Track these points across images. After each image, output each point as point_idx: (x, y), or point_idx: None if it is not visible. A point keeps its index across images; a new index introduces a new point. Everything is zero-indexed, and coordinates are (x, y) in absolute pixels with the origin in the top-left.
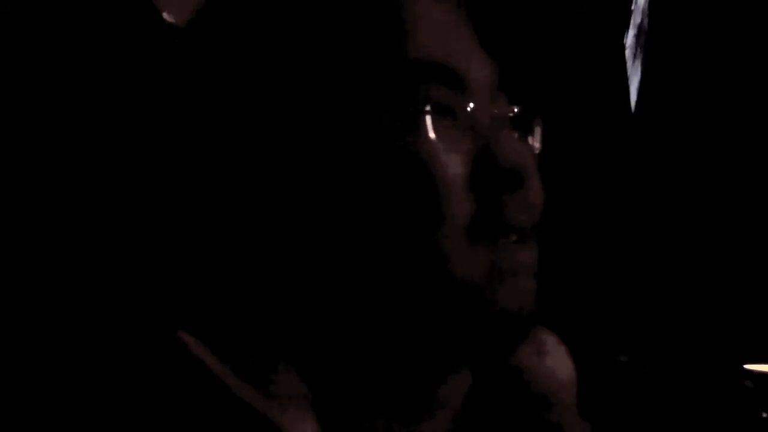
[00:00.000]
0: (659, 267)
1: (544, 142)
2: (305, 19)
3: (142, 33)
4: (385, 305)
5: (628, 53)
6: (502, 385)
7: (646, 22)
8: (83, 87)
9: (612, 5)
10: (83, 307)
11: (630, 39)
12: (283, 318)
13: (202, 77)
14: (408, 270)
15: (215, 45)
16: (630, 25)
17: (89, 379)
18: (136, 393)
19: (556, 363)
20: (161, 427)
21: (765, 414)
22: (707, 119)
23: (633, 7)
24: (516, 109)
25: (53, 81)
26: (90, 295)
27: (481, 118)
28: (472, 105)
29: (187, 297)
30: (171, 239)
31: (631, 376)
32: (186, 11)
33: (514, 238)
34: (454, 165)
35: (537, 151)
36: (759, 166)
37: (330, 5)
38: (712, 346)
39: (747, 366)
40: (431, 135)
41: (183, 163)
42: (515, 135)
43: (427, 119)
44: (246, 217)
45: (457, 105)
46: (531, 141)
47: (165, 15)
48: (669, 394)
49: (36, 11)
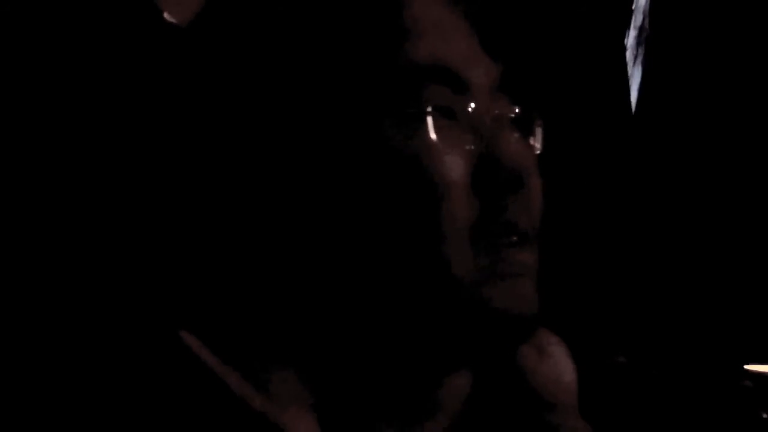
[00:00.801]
0: (659, 267)
1: (544, 142)
2: (306, 21)
3: (143, 33)
4: (386, 306)
5: (628, 54)
6: (503, 386)
7: (646, 22)
8: (84, 87)
9: (612, 6)
10: (85, 308)
11: (631, 40)
12: (284, 319)
13: (203, 78)
14: (409, 271)
15: (217, 45)
16: (631, 26)
17: (91, 379)
18: (137, 393)
19: (557, 364)
20: (162, 427)
21: (765, 414)
22: (708, 120)
23: (634, 8)
24: (517, 110)
25: (54, 81)
26: (92, 296)
27: (482, 119)
28: (472, 106)
29: (189, 298)
30: (173, 240)
31: (631, 376)
32: (187, 11)
33: (514, 239)
34: (454, 166)
35: (537, 152)
36: (759, 167)
37: (330, 7)
38: (711, 346)
39: (747, 366)
40: (432, 136)
41: (184, 164)
42: (516, 136)
43: (428, 120)
44: (248, 217)
45: (458, 106)
46: (532, 142)
47: (166, 15)
48: (669, 394)
49: (37, 11)
